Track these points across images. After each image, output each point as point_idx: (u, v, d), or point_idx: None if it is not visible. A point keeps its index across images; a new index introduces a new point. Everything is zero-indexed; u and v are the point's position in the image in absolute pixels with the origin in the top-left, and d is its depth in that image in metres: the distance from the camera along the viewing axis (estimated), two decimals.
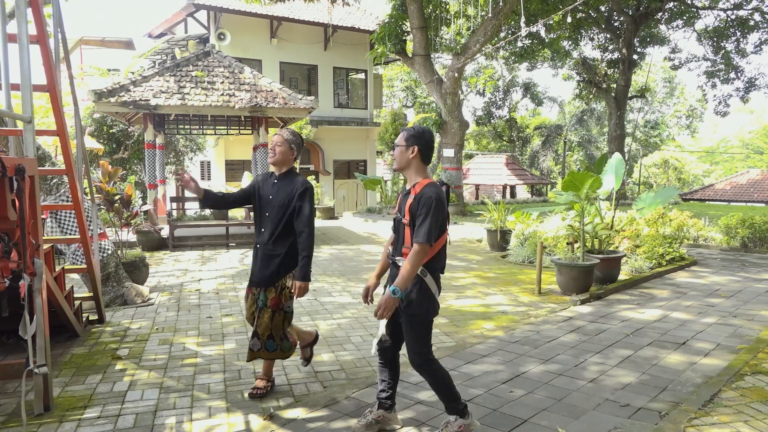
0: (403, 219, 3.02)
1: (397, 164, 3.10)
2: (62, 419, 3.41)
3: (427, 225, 2.87)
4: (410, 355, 3.04)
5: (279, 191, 3.63)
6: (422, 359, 3.02)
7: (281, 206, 3.60)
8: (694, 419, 3.40)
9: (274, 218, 3.62)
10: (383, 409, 3.24)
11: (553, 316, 5.96)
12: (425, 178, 3.04)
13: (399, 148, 3.07)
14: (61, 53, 5.08)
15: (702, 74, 24.95)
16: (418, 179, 3.04)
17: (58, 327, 4.91)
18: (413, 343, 3.02)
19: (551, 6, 17.50)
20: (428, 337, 3.05)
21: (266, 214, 3.65)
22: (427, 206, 2.88)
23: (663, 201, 8.30)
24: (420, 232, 2.87)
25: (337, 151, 22.16)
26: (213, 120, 13.03)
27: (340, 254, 10.19)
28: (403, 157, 3.05)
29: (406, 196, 3.03)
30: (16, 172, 3.12)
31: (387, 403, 3.24)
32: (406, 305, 2.96)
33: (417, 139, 3.03)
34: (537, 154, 38.90)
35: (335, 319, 5.75)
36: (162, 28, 21.46)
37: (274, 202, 3.62)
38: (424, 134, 3.04)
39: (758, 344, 4.91)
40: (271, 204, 3.64)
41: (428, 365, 3.04)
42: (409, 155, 3.03)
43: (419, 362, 3.03)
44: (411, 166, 3.05)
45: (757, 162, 49.86)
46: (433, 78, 16.92)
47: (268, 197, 3.65)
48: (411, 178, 3.07)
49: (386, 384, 3.24)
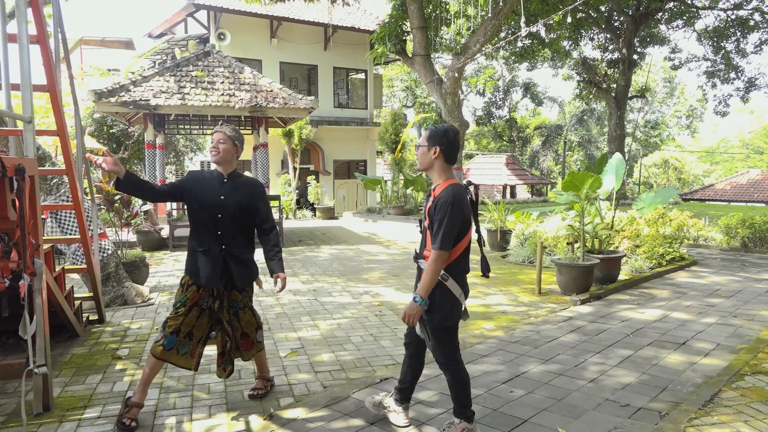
0: (424, 221, 2.98)
1: (420, 165, 3.01)
2: (62, 419, 3.41)
3: (443, 231, 2.79)
4: (434, 354, 3.05)
5: (233, 192, 3.41)
6: (446, 359, 3.03)
7: (241, 208, 3.41)
8: (694, 419, 3.39)
9: (234, 220, 3.40)
10: (393, 399, 3.27)
11: (553, 316, 5.96)
12: (448, 180, 2.94)
13: (421, 149, 2.97)
14: (61, 53, 5.08)
15: (702, 74, 24.94)
16: (440, 181, 2.95)
17: (58, 327, 4.90)
18: (435, 345, 3.02)
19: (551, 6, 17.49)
20: (452, 340, 3.03)
21: (218, 215, 3.36)
22: (443, 211, 2.80)
23: (663, 201, 8.31)
24: (436, 239, 2.81)
25: (337, 151, 22.15)
26: (213, 120, 13.02)
27: (340, 254, 10.19)
28: (425, 158, 2.96)
29: (428, 198, 2.98)
30: (16, 172, 3.12)
31: (399, 394, 3.27)
32: (426, 310, 2.92)
33: (439, 139, 2.91)
34: (537, 154, 38.91)
35: (335, 319, 5.75)
36: (162, 28, 21.45)
37: (229, 203, 3.38)
38: (447, 133, 2.92)
39: (758, 344, 4.90)
40: (224, 205, 3.37)
41: (452, 365, 3.03)
42: (432, 156, 2.93)
43: (443, 361, 3.03)
44: (434, 167, 2.96)
45: (757, 162, 49.85)
46: (433, 78, 16.91)
47: (219, 198, 3.37)
48: (434, 179, 2.98)
49: (404, 375, 3.26)
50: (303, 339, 5.07)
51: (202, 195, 3.39)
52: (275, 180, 19.04)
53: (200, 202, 3.38)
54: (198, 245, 3.42)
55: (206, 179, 3.46)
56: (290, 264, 9.13)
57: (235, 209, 3.40)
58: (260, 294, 6.92)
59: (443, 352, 3.02)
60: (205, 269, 3.37)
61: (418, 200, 17.61)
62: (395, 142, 19.29)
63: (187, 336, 3.37)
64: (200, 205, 3.38)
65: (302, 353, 4.68)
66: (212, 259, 3.37)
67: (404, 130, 19.74)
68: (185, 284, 3.43)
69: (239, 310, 3.54)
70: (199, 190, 3.40)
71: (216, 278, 3.37)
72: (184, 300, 3.39)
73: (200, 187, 3.41)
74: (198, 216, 3.41)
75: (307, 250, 10.62)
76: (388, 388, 3.85)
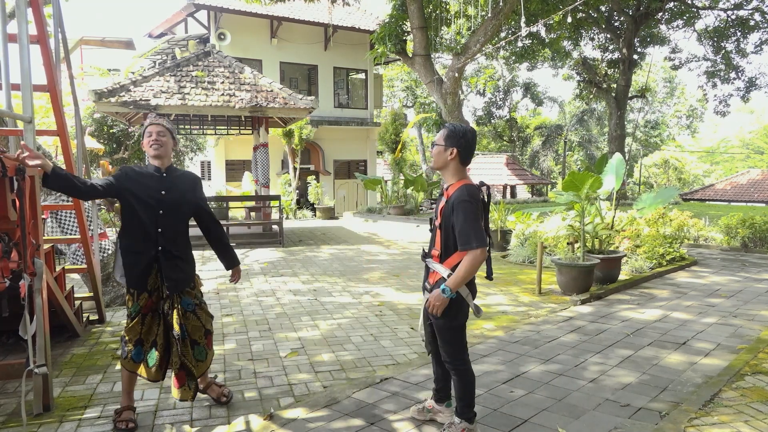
0: (435, 220, 2.97)
1: (434, 163, 2.98)
2: (62, 419, 3.41)
3: (467, 228, 2.74)
4: (444, 354, 3.07)
5: (173, 186, 3.27)
6: (453, 359, 3.04)
7: (184, 203, 3.28)
8: (695, 419, 3.39)
9: (177, 216, 3.26)
10: (434, 400, 3.34)
11: (554, 316, 5.96)
12: (461, 180, 2.92)
13: (437, 148, 2.93)
14: (61, 53, 5.08)
15: (702, 74, 24.95)
16: (454, 180, 2.93)
17: (58, 327, 4.90)
18: (443, 345, 3.05)
19: (551, 6, 17.50)
20: (459, 340, 3.04)
21: (159, 212, 3.20)
22: (461, 210, 2.76)
23: (663, 201, 8.30)
24: (462, 240, 2.76)
25: (337, 151, 22.16)
26: (213, 120, 13.03)
27: (340, 254, 10.19)
28: (441, 158, 2.93)
29: (441, 197, 2.97)
30: (16, 172, 3.12)
31: (438, 395, 3.32)
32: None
33: (457, 141, 2.87)
34: (537, 154, 38.93)
35: (335, 319, 5.75)
36: (162, 28, 21.46)
37: (170, 198, 3.23)
38: (466, 135, 2.88)
39: (758, 344, 4.90)
40: (165, 201, 3.22)
41: (458, 365, 3.04)
42: (448, 156, 2.89)
43: (449, 361, 3.05)
44: (449, 167, 2.92)
45: (757, 162, 49.85)
46: (434, 78, 16.91)
47: (159, 193, 3.21)
48: (447, 178, 2.96)
49: (436, 376, 3.31)
50: (303, 339, 5.07)
51: (142, 191, 3.18)
52: (275, 180, 19.04)
53: (139, 198, 3.17)
54: (132, 246, 3.22)
55: (144, 174, 3.25)
56: (290, 264, 9.13)
57: (177, 204, 3.25)
58: (261, 294, 6.92)
59: (450, 352, 3.04)
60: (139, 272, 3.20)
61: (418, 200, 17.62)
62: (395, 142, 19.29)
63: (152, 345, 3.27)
64: (139, 202, 3.17)
65: (302, 353, 4.68)
66: (147, 261, 3.20)
67: (404, 130, 19.74)
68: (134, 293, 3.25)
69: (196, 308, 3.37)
70: (138, 185, 3.19)
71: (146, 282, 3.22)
72: (137, 308, 3.24)
73: (139, 183, 3.20)
74: (134, 214, 3.19)
75: (307, 250, 10.62)
76: (389, 388, 3.86)
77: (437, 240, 2.95)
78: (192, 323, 3.34)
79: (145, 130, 3.32)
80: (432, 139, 39.93)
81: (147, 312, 3.27)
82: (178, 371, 3.33)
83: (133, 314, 3.25)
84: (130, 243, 3.24)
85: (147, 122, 3.35)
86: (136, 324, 3.25)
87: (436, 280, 2.98)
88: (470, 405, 3.07)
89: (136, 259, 3.21)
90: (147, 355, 3.29)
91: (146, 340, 3.28)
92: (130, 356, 3.26)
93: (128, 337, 3.26)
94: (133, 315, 3.25)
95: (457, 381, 3.07)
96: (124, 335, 3.29)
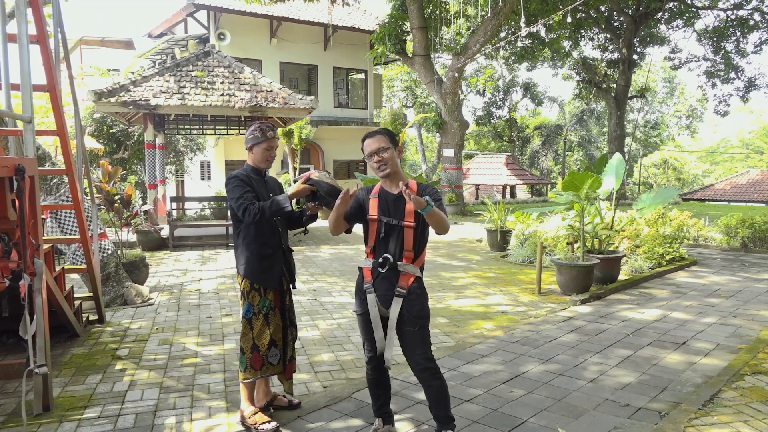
0: (401, 222, 2.84)
1: (391, 167, 2.88)
2: (62, 419, 3.41)
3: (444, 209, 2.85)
4: (420, 360, 2.86)
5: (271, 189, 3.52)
6: (429, 361, 2.87)
7: None
8: (694, 419, 3.40)
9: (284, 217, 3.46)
10: (390, 424, 3.13)
11: (553, 316, 5.96)
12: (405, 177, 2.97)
13: (389, 151, 2.87)
14: (61, 53, 5.08)
15: (702, 74, 24.98)
16: (403, 179, 2.87)
17: (58, 327, 4.91)
18: (424, 347, 2.88)
19: (551, 6, 17.53)
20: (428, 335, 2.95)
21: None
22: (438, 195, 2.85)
23: (663, 201, 8.30)
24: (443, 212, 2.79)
25: (337, 151, 22.16)
26: (213, 120, 13.03)
27: (340, 254, 10.19)
28: (395, 160, 2.90)
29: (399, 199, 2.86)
30: (16, 172, 3.12)
31: (391, 417, 3.15)
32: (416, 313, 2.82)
33: (394, 138, 2.94)
34: (537, 154, 38.92)
35: (335, 319, 5.75)
36: (162, 28, 21.47)
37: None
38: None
39: (758, 344, 4.91)
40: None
41: (434, 367, 2.88)
42: (396, 156, 2.91)
43: (431, 366, 2.87)
44: (398, 166, 2.93)
45: (757, 162, 49.85)
46: (433, 78, 16.91)
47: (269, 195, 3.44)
48: (399, 177, 2.89)
49: (384, 398, 3.11)
50: (303, 339, 5.07)
51: (263, 194, 3.34)
52: None
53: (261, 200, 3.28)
54: (266, 247, 3.32)
55: (253, 178, 3.35)
56: None
57: None
58: None
59: (426, 354, 2.87)
60: (279, 270, 3.35)
61: None
62: None
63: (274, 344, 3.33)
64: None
65: (302, 353, 4.67)
66: (278, 259, 3.36)
67: (404, 130, 19.75)
68: (259, 289, 3.29)
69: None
70: (257, 189, 3.31)
71: (280, 277, 3.36)
72: (268, 304, 3.30)
73: (256, 187, 3.32)
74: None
75: (307, 250, 10.62)
76: None
77: (408, 241, 2.84)
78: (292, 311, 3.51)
79: (265, 142, 3.32)
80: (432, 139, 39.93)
81: (275, 307, 3.34)
82: (289, 362, 3.44)
83: (262, 310, 3.27)
84: (264, 244, 3.32)
85: (268, 134, 3.32)
86: (263, 326, 3.27)
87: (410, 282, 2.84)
88: (449, 407, 2.92)
89: (274, 259, 3.33)
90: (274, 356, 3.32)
91: (277, 339, 3.33)
92: (268, 361, 3.27)
93: (259, 343, 3.26)
94: (259, 312, 3.27)
95: (438, 387, 2.87)
96: (252, 344, 3.25)
